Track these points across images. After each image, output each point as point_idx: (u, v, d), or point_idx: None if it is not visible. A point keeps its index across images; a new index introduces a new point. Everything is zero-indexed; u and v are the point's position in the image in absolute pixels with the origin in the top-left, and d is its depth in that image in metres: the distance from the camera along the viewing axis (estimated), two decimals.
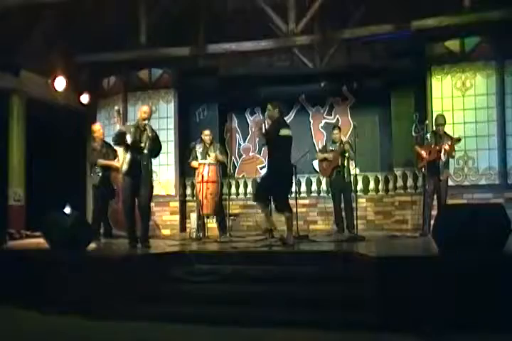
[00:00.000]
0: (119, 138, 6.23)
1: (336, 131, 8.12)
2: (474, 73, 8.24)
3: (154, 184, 6.67)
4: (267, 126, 6.35)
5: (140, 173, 6.17)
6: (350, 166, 7.83)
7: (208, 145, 7.77)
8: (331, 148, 8.09)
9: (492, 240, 4.29)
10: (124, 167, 6.20)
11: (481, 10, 7.38)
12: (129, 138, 6.15)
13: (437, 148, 7.18)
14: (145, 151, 6.23)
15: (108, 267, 5.05)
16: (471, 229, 4.28)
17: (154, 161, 6.63)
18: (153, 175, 6.68)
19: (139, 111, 6.56)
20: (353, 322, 4.24)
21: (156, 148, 6.37)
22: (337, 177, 7.87)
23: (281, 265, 5.19)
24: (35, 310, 5.03)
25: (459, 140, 7.27)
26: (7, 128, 8.74)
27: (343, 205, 7.92)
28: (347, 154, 7.76)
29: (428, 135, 7.47)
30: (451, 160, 8.02)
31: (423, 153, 7.34)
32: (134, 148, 6.18)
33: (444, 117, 7.60)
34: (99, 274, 5.01)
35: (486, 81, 8.18)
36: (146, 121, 6.33)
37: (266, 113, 6.50)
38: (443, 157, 7.19)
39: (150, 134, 6.27)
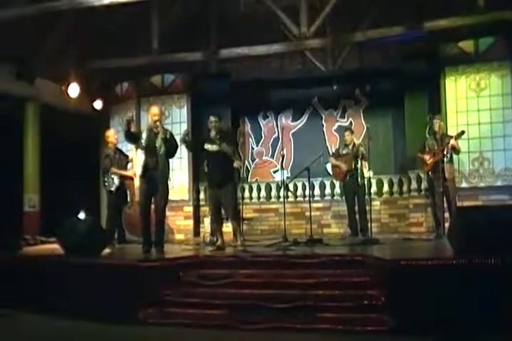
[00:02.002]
0: (126, 126, 6.19)
1: (347, 133, 8.05)
2: (489, 73, 8.16)
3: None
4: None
5: (156, 176, 6.15)
6: (364, 169, 7.76)
7: None
8: (343, 151, 8.03)
9: (509, 242, 4.21)
10: (140, 170, 6.21)
11: (495, 10, 7.30)
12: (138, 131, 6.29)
13: (441, 148, 7.07)
14: (160, 154, 6.17)
15: (120, 271, 5.06)
16: (487, 231, 4.22)
17: None
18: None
19: (149, 114, 6.52)
20: (369, 326, 4.19)
21: (171, 150, 6.29)
22: (350, 180, 7.81)
23: (295, 269, 5.16)
24: (46, 315, 5.06)
25: (462, 132, 7.11)
26: (22, 135, 8.83)
27: (356, 208, 7.87)
28: (361, 157, 7.65)
29: (428, 139, 7.37)
30: (465, 161, 7.97)
31: (427, 157, 7.23)
32: (148, 151, 6.16)
33: (440, 118, 7.49)
34: (110, 279, 5.03)
35: (501, 81, 8.10)
36: (158, 123, 6.26)
37: (212, 125, 6.43)
38: (447, 154, 7.06)
39: (163, 136, 6.19)
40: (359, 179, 7.67)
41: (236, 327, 4.42)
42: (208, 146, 6.40)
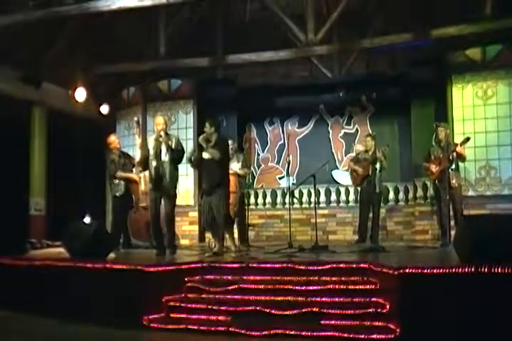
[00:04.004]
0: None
1: (368, 139, 7.87)
2: (496, 81, 8.15)
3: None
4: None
5: (164, 183, 6.30)
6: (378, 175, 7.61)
7: (231, 156, 7.67)
8: (362, 157, 7.84)
9: None
10: (150, 180, 6.41)
11: (502, 18, 7.30)
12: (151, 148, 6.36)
13: (447, 154, 7.02)
14: (166, 161, 6.31)
15: (125, 276, 5.05)
16: (493, 240, 4.19)
17: None
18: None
19: (154, 123, 6.67)
20: (374, 334, 4.16)
21: (176, 157, 6.40)
22: (367, 186, 7.67)
23: (300, 275, 5.14)
24: (55, 318, 5.06)
25: (468, 139, 7.02)
26: (29, 139, 8.86)
27: (370, 215, 7.76)
28: (379, 163, 7.56)
29: (433, 147, 7.30)
30: (472, 170, 7.92)
31: (433, 166, 7.17)
32: (155, 159, 6.30)
33: (445, 126, 7.41)
34: (114, 283, 5.02)
35: (508, 89, 8.09)
36: (162, 132, 6.38)
37: (205, 130, 6.36)
38: (453, 162, 7.01)
39: (168, 144, 6.32)
40: (376, 186, 7.56)
41: (240, 334, 4.40)
42: (204, 155, 6.38)
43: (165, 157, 6.31)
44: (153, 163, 6.30)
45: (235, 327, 4.47)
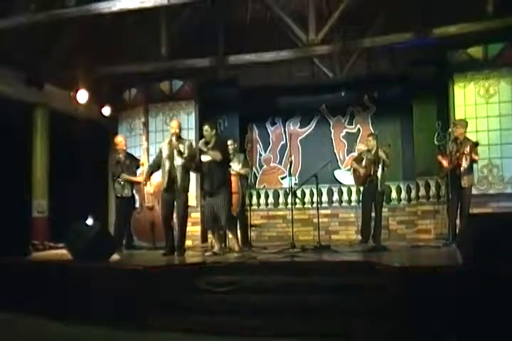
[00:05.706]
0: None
1: (370, 138, 7.76)
2: (498, 80, 8.13)
3: None
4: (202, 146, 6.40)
5: (176, 186, 6.49)
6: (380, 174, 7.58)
7: (231, 156, 7.65)
8: (365, 157, 7.84)
9: None
10: (162, 183, 6.58)
11: (504, 16, 7.28)
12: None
13: (457, 154, 7.02)
14: (178, 165, 6.47)
15: (129, 277, 5.05)
16: (497, 239, 4.18)
17: None
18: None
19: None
20: (375, 333, 4.16)
21: (188, 161, 6.50)
22: (370, 186, 7.63)
23: (303, 275, 5.13)
24: (58, 320, 5.05)
25: (476, 144, 7.05)
26: (31, 141, 8.88)
27: (373, 214, 7.73)
28: (381, 162, 7.52)
29: (450, 143, 7.31)
30: (475, 168, 7.88)
31: (444, 161, 7.19)
32: (167, 163, 6.49)
33: (461, 124, 7.38)
34: (118, 285, 5.02)
35: (510, 87, 8.06)
36: (174, 137, 6.52)
37: (205, 134, 6.48)
38: (464, 163, 7.00)
39: (179, 149, 6.45)
40: (379, 185, 7.54)
41: (245, 334, 4.40)
42: (202, 158, 6.50)
43: (177, 160, 6.47)
44: (166, 166, 6.48)
45: (239, 328, 4.47)
